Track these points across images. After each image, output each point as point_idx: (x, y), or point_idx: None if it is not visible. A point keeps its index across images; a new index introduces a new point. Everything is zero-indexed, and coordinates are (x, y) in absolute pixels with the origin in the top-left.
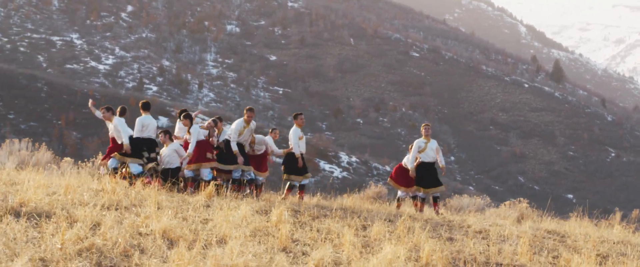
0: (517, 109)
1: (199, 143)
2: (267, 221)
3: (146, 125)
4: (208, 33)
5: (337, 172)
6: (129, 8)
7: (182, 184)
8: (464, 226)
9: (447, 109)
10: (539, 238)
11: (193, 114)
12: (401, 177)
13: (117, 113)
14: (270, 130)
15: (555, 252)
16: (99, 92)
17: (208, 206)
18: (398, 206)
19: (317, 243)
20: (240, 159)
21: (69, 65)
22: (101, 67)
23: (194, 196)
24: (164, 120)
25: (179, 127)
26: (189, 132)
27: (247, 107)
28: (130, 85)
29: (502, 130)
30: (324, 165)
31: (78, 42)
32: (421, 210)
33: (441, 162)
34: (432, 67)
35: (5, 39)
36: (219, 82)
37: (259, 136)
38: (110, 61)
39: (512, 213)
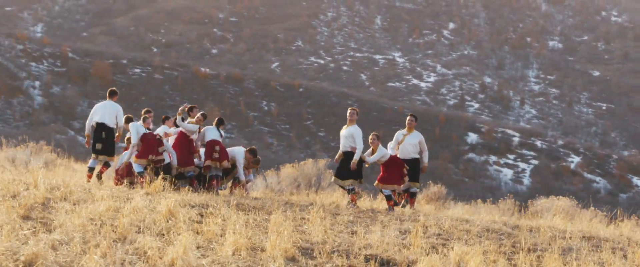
0: None
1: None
2: (151, 210)
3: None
4: (530, 49)
5: None
6: (451, 25)
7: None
8: (380, 218)
9: None
10: (450, 227)
11: (183, 107)
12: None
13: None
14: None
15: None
16: (410, 109)
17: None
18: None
19: (175, 229)
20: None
21: (391, 84)
22: (423, 85)
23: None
24: (473, 137)
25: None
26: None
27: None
28: (451, 103)
29: None
30: (636, 181)
31: (400, 60)
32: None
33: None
34: None
35: (329, 59)
36: (541, 98)
37: (190, 125)
38: (431, 79)
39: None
